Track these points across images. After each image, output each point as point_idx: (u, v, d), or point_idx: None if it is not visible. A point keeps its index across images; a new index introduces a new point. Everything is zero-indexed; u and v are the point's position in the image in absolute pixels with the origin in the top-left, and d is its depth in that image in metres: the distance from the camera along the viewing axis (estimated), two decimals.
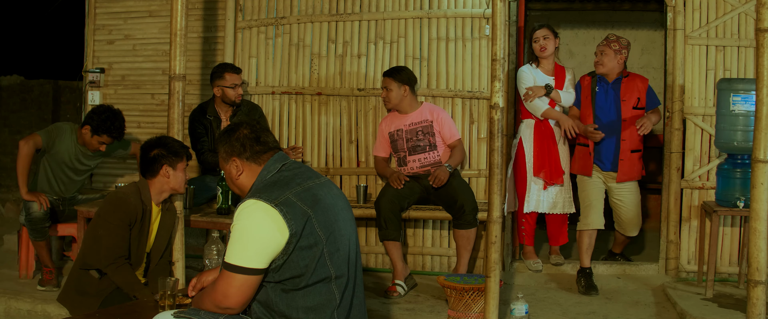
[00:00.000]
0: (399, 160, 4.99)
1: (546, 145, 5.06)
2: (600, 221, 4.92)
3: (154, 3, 5.78)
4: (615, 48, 4.87)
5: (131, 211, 3.64)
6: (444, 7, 5.26)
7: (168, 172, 3.73)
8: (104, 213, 3.65)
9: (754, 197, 3.20)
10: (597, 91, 4.94)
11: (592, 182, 4.98)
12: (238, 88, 4.98)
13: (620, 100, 4.89)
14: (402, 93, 4.90)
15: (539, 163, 5.07)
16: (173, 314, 2.71)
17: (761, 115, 3.18)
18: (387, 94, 4.92)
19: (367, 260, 5.32)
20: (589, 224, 4.91)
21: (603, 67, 4.92)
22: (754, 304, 3.23)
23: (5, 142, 8.94)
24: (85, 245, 3.77)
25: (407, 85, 4.91)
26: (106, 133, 4.64)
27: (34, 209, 4.60)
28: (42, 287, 4.65)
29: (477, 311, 4.00)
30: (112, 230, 3.59)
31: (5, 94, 9.10)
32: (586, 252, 4.89)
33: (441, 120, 4.93)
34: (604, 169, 4.96)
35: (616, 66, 4.90)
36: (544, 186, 5.08)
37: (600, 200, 4.97)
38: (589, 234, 4.91)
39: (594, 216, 4.92)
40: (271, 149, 2.79)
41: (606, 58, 4.89)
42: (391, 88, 4.90)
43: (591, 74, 5.04)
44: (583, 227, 4.94)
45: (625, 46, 4.91)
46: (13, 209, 7.29)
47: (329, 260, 2.62)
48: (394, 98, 4.91)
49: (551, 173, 5.04)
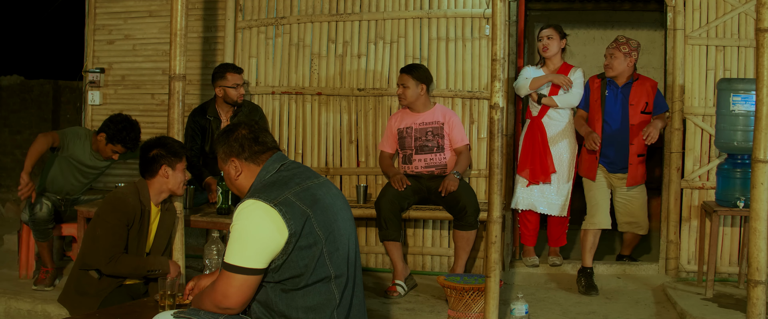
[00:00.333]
0: (404, 157, 4.98)
1: (533, 143, 5.04)
2: (606, 220, 4.90)
3: (154, 3, 5.78)
4: (625, 50, 4.82)
5: (130, 211, 3.64)
6: (444, 7, 5.26)
7: (167, 172, 3.73)
8: (103, 213, 3.65)
9: (754, 197, 3.20)
10: (606, 96, 4.89)
11: (598, 183, 4.96)
12: (240, 89, 4.98)
13: (629, 105, 4.85)
14: (419, 92, 4.89)
15: (523, 161, 5.07)
16: (173, 314, 2.71)
17: (761, 115, 3.18)
18: (403, 91, 4.89)
19: (367, 260, 5.32)
20: (595, 223, 4.89)
21: (612, 71, 4.87)
22: (754, 304, 3.23)
23: (5, 142, 8.94)
24: (84, 245, 3.77)
25: (425, 84, 4.90)
26: (121, 143, 4.66)
27: (37, 210, 4.61)
28: (36, 287, 4.65)
29: (477, 311, 4.00)
30: (109, 229, 3.59)
31: (5, 94, 9.11)
32: (590, 251, 4.88)
33: (452, 123, 4.92)
34: (611, 171, 4.94)
35: (627, 69, 4.85)
36: (527, 184, 5.07)
37: (606, 199, 4.95)
38: (594, 233, 4.89)
39: (600, 216, 4.90)
40: (270, 149, 2.79)
41: (616, 62, 4.84)
42: (408, 85, 4.88)
43: (600, 76, 4.99)
44: (588, 226, 4.91)
45: (635, 48, 4.85)
46: (13, 208, 7.29)
47: (329, 259, 2.62)
48: (410, 96, 4.89)
49: (535, 172, 5.03)
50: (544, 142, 5.03)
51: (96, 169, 4.89)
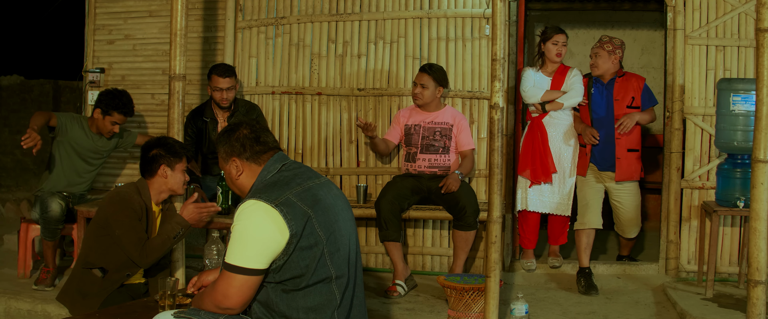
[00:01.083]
0: (408, 155, 4.97)
1: (533, 144, 5.05)
2: (597, 220, 4.93)
3: (154, 3, 5.78)
4: (608, 49, 4.94)
5: (137, 207, 3.66)
6: (444, 7, 5.26)
7: (166, 172, 3.73)
8: (113, 213, 3.63)
9: (754, 196, 3.20)
10: (592, 93, 5.01)
11: (589, 182, 5.00)
12: (225, 92, 4.93)
13: (613, 100, 4.93)
14: (436, 94, 4.89)
15: (524, 161, 5.08)
16: (173, 314, 2.71)
17: (761, 115, 3.18)
18: (421, 90, 4.88)
19: (367, 260, 5.32)
20: (585, 223, 4.93)
21: (597, 70, 5.00)
22: (754, 304, 3.23)
23: (5, 142, 8.95)
24: (86, 245, 3.77)
25: (443, 87, 4.91)
26: (116, 110, 4.77)
27: (52, 208, 4.61)
28: (36, 286, 4.65)
29: (477, 311, 4.00)
30: (127, 224, 3.60)
31: (5, 94, 9.12)
32: (585, 252, 4.90)
33: (461, 126, 4.93)
34: (601, 168, 4.98)
35: (611, 67, 4.96)
36: (529, 184, 5.08)
37: (597, 199, 4.99)
38: (587, 233, 4.92)
39: (590, 215, 4.93)
40: (271, 149, 2.79)
41: (600, 60, 4.97)
42: (427, 85, 4.87)
43: (586, 76, 5.09)
44: (580, 227, 4.96)
45: (619, 45, 4.96)
46: (13, 208, 7.28)
47: (329, 260, 2.62)
48: (428, 96, 4.88)
49: (536, 172, 5.03)
50: (544, 142, 5.03)
51: (98, 153, 4.93)
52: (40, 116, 4.71)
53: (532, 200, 5.08)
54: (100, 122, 4.82)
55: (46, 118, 4.73)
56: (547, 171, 5.03)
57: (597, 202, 4.98)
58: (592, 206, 4.95)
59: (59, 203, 4.63)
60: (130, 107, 4.83)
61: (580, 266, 4.90)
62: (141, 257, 3.61)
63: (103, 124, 4.82)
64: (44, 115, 4.75)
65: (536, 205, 5.08)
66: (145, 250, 3.61)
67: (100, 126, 4.84)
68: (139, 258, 3.61)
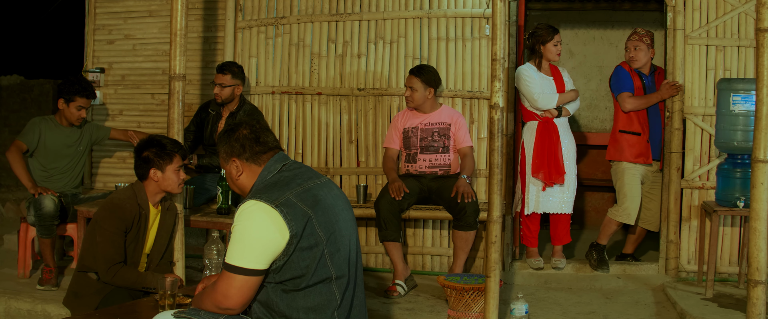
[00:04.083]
0: (408, 156, 4.97)
1: (547, 145, 5.04)
2: (635, 217, 5.06)
3: (154, 3, 5.78)
4: (647, 42, 5.09)
5: (127, 217, 3.62)
6: (444, 7, 5.26)
7: (156, 174, 3.69)
8: (101, 219, 3.63)
9: (754, 196, 3.20)
10: (647, 85, 5.10)
11: (637, 173, 5.09)
12: (217, 88, 5.00)
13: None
14: (426, 95, 4.88)
15: (538, 163, 5.05)
16: (173, 314, 2.71)
17: (761, 115, 3.18)
18: (411, 93, 4.87)
19: (367, 260, 5.32)
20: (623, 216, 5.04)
21: (637, 62, 5.11)
22: (754, 304, 3.23)
23: (5, 142, 8.94)
24: (83, 247, 3.77)
25: (432, 87, 4.89)
26: (77, 94, 4.86)
27: (45, 204, 4.61)
28: (41, 287, 4.65)
29: (477, 311, 4.00)
30: (107, 237, 3.58)
31: (5, 94, 9.11)
32: (608, 236, 5.09)
33: (459, 124, 4.92)
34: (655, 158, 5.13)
35: (649, 60, 5.12)
36: (542, 187, 5.07)
37: (639, 194, 5.10)
38: (618, 223, 5.08)
39: (633, 211, 5.04)
40: (272, 149, 2.79)
41: (641, 53, 5.09)
42: (416, 88, 4.86)
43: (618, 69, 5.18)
44: (615, 217, 5.08)
45: (653, 38, 5.14)
46: (13, 208, 7.28)
47: (330, 260, 2.62)
48: (418, 99, 4.88)
49: (551, 173, 5.03)
50: (557, 143, 5.03)
51: (73, 145, 5.00)
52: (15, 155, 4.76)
53: (543, 201, 5.08)
54: (67, 112, 4.90)
55: (19, 154, 4.80)
56: (561, 172, 5.04)
57: (639, 196, 5.09)
58: (636, 200, 5.05)
59: (52, 199, 4.65)
60: (90, 90, 4.92)
61: (597, 242, 5.08)
62: (106, 275, 3.57)
63: (70, 113, 4.90)
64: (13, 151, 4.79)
65: (547, 206, 5.09)
66: (115, 273, 3.57)
67: (68, 116, 4.92)
68: (104, 275, 3.58)
